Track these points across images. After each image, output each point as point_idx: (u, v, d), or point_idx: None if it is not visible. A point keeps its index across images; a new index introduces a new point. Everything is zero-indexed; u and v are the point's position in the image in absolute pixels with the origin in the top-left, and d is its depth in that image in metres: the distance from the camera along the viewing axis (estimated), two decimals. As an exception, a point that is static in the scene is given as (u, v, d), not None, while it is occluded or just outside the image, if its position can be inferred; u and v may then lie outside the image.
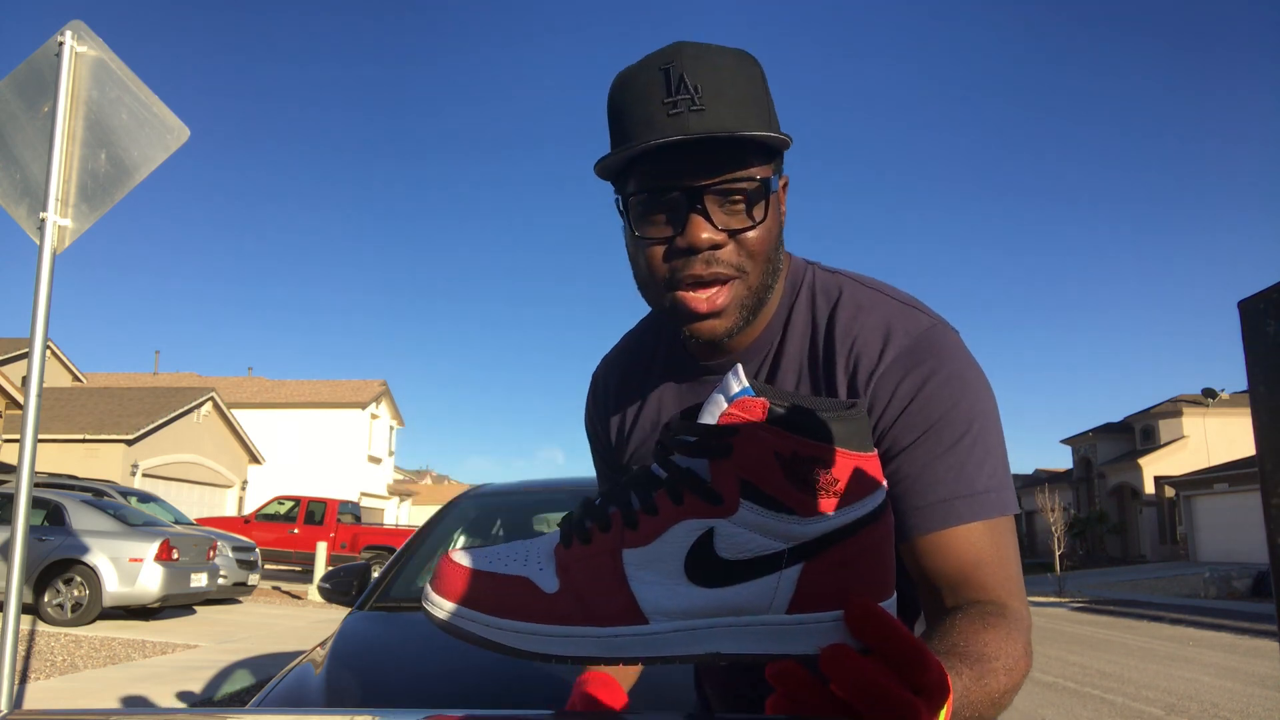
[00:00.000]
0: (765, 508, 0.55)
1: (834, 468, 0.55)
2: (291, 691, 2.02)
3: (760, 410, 0.55)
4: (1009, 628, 0.77)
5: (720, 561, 0.55)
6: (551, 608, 0.56)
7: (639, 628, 0.56)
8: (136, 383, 32.89)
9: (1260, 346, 0.46)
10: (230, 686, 6.65)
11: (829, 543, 0.55)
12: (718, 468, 0.55)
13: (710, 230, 0.83)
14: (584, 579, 0.57)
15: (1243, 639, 12.25)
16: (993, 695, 0.70)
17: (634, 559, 0.56)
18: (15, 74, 3.15)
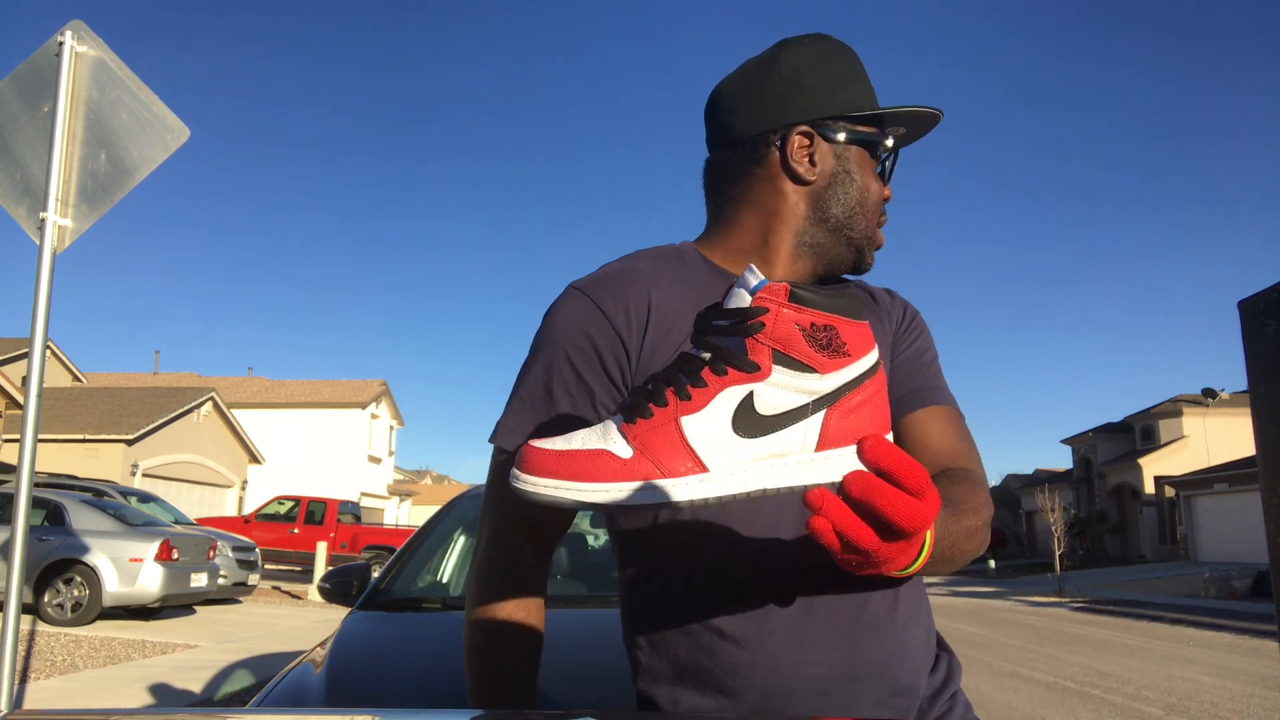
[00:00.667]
0: (792, 369, 0.69)
1: (841, 333, 0.69)
2: (291, 691, 2.02)
3: (783, 293, 0.69)
4: (973, 482, 0.97)
5: (760, 417, 0.70)
6: (630, 469, 0.69)
7: (703, 475, 0.70)
8: (136, 383, 32.88)
9: (1260, 346, 0.46)
10: (230, 686, 6.65)
11: (841, 394, 0.70)
12: (753, 342, 0.70)
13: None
14: (653, 443, 0.70)
15: (1243, 639, 12.25)
16: (967, 528, 0.88)
17: (691, 423, 0.70)
18: (15, 74, 3.15)
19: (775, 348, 0.69)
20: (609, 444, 0.70)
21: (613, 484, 0.69)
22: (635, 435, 0.71)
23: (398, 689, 1.95)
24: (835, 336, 0.69)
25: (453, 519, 3.29)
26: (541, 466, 0.70)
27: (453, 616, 2.53)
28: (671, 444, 0.70)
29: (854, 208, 1.07)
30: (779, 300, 0.69)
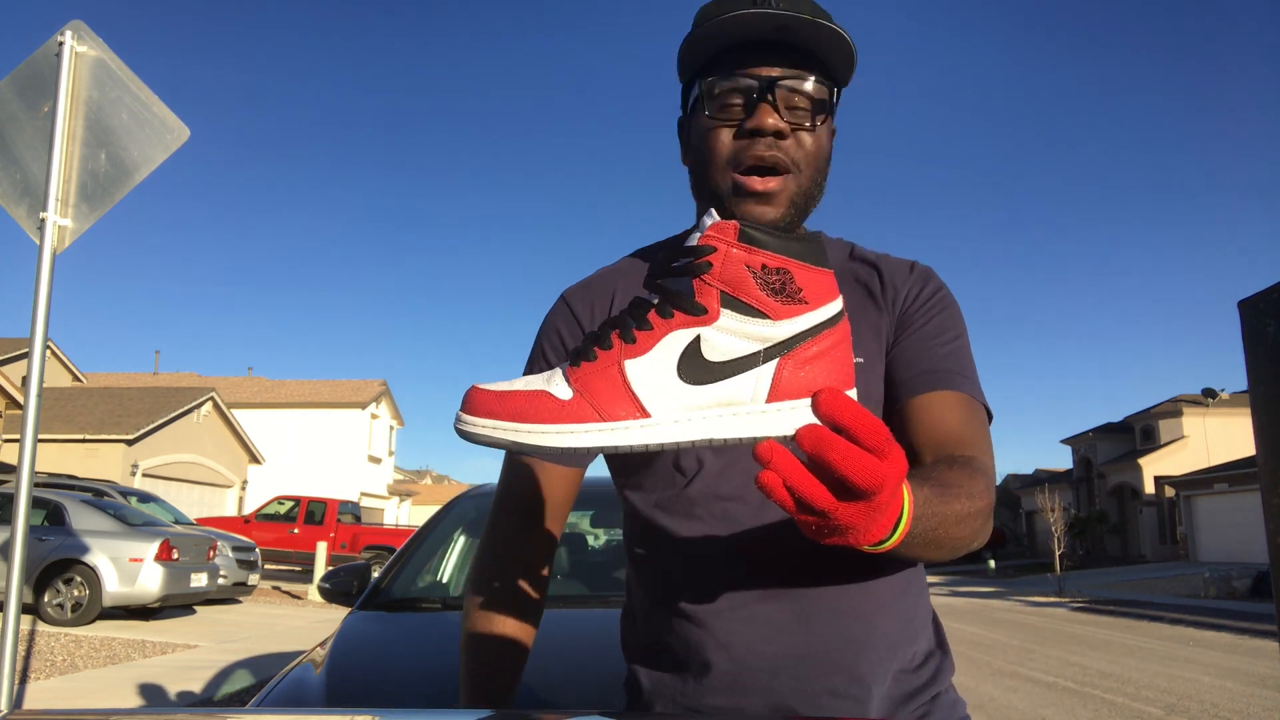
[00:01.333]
0: (742, 314, 0.65)
1: (797, 278, 0.65)
2: (291, 691, 2.02)
3: (732, 231, 0.66)
4: (973, 469, 0.89)
5: (707, 363, 0.66)
6: (568, 410, 0.66)
7: (644, 420, 0.66)
8: (136, 383, 32.87)
9: (1260, 346, 0.46)
10: (230, 686, 6.65)
11: (796, 342, 0.66)
12: (700, 283, 0.66)
13: (775, 118, 0.94)
14: (593, 386, 0.67)
15: (1243, 639, 12.25)
16: (957, 513, 0.80)
17: (634, 367, 0.67)
18: (15, 74, 3.15)
19: (724, 290, 0.65)
20: (550, 385, 0.68)
21: (549, 425, 0.66)
22: (578, 378, 0.68)
23: (398, 689, 1.95)
24: (790, 281, 0.65)
25: (453, 519, 3.29)
26: (482, 406, 0.67)
27: (453, 616, 2.53)
28: (613, 387, 0.67)
29: (701, 165, 1.00)
30: (727, 239, 0.66)
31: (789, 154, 0.95)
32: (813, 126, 0.96)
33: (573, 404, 0.66)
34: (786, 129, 0.94)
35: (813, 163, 0.97)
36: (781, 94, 0.94)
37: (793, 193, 0.97)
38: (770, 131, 0.93)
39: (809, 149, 0.96)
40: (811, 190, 0.99)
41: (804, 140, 0.96)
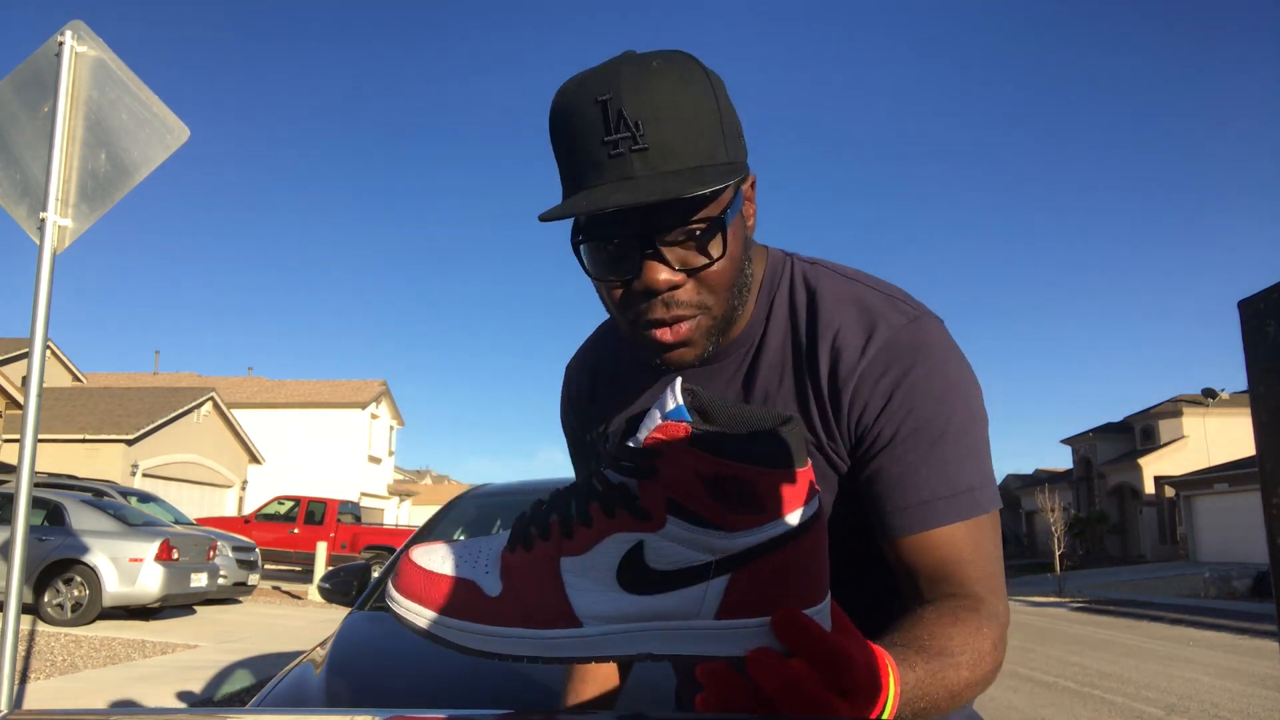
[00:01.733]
0: (691, 524, 0.58)
1: (758, 486, 0.57)
2: (291, 691, 2.02)
3: (683, 434, 0.58)
4: (979, 623, 0.78)
5: (650, 571, 0.59)
6: (495, 610, 0.61)
7: (573, 630, 0.60)
8: (136, 383, 32.88)
9: (1260, 346, 0.46)
10: (230, 686, 6.65)
11: (754, 555, 0.58)
12: (645, 486, 0.59)
13: (667, 272, 0.82)
14: (525, 584, 0.61)
15: (1243, 639, 12.25)
16: (952, 688, 0.71)
17: (570, 566, 0.60)
18: (15, 74, 3.15)
19: (671, 497, 0.58)
20: (479, 575, 0.62)
21: (473, 625, 0.60)
22: (510, 569, 0.62)
23: (398, 689, 1.95)
24: (749, 490, 0.57)
25: (453, 519, 3.29)
26: (410, 587, 0.62)
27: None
28: (543, 588, 0.60)
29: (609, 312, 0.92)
30: (677, 443, 0.58)
31: (691, 300, 0.84)
32: (711, 260, 0.83)
33: (500, 602, 0.61)
34: (680, 278, 0.83)
35: (722, 290, 0.85)
36: (665, 242, 0.82)
37: (707, 328, 0.86)
38: (663, 289, 0.82)
39: (717, 279, 0.84)
40: (731, 307, 0.88)
41: (707, 276, 0.84)
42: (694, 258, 0.83)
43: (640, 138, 0.78)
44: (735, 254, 0.86)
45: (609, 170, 0.79)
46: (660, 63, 0.81)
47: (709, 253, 0.83)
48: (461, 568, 0.63)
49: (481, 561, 0.63)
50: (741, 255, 0.88)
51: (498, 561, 0.63)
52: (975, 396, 0.90)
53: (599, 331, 1.14)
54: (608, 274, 0.85)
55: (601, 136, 0.79)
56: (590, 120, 0.79)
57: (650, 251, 0.82)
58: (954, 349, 0.91)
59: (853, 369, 0.88)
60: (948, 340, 0.91)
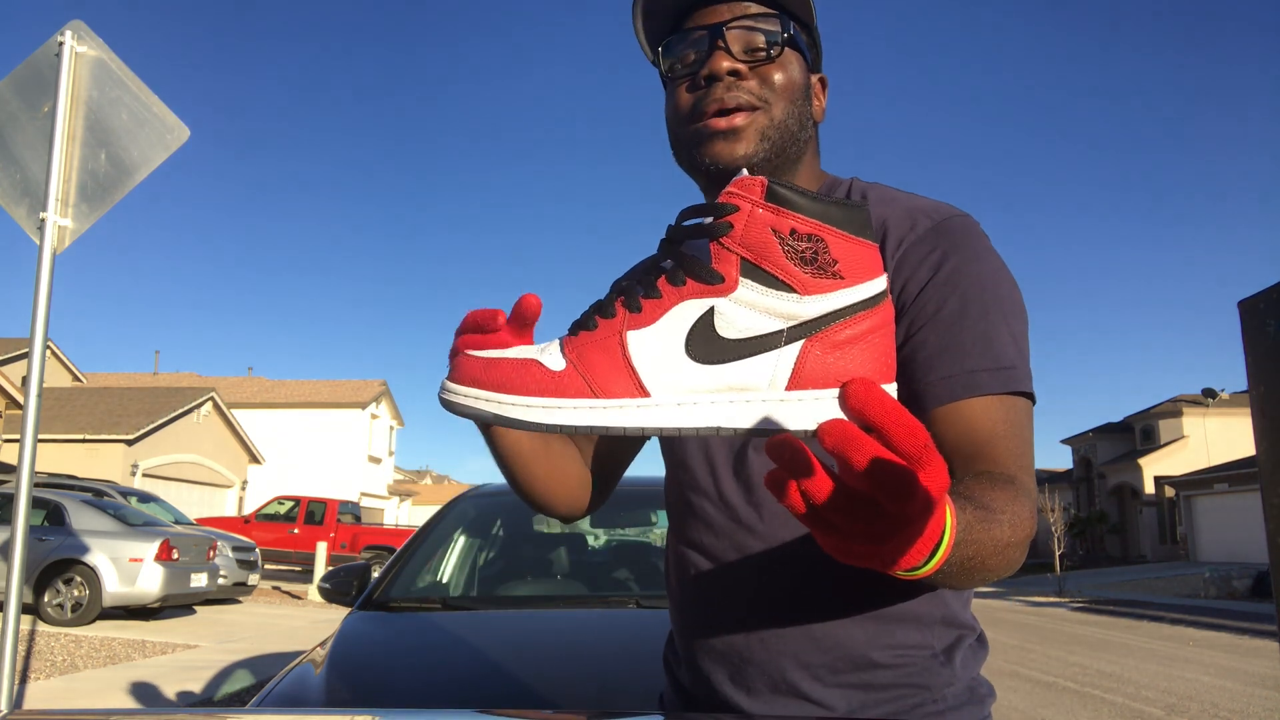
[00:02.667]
0: (764, 285, 0.57)
1: (832, 248, 0.56)
2: (291, 691, 2.02)
3: (759, 188, 0.57)
4: (1016, 492, 0.78)
5: (720, 339, 0.57)
6: (558, 383, 0.58)
7: (642, 400, 0.58)
8: (136, 383, 32.87)
9: (1260, 346, 0.46)
10: (230, 686, 6.65)
11: (827, 322, 0.56)
12: (718, 247, 0.57)
13: (730, 60, 0.91)
14: (589, 358, 0.59)
15: (1243, 639, 12.25)
16: (997, 541, 0.70)
17: (637, 339, 0.59)
18: (15, 74, 3.15)
19: (745, 256, 0.57)
20: (543, 355, 0.60)
21: (535, 399, 0.58)
22: (574, 348, 0.60)
23: (398, 689, 1.95)
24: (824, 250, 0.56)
25: (453, 519, 3.29)
26: (466, 374, 0.61)
27: (453, 616, 2.53)
28: (611, 361, 0.58)
29: (671, 131, 0.99)
30: (753, 196, 0.57)
31: (752, 92, 0.92)
32: (772, 58, 0.92)
33: (564, 376, 0.59)
34: (744, 68, 0.92)
35: (783, 96, 0.93)
36: (733, 35, 0.92)
37: (763, 126, 0.92)
38: (726, 74, 0.91)
39: (775, 82, 0.92)
40: (787, 124, 0.93)
41: (767, 75, 0.92)
42: (759, 54, 0.92)
43: None
44: (795, 77, 0.94)
45: None
46: None
47: (770, 52, 0.92)
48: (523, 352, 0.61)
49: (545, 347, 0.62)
50: (802, 87, 0.96)
51: (560, 345, 0.61)
52: (1015, 291, 0.91)
53: None
54: (681, 69, 0.95)
55: None
56: None
57: (719, 43, 0.91)
58: (996, 252, 0.93)
59: (899, 243, 0.90)
60: (988, 240, 0.94)
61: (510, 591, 3.07)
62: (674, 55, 0.96)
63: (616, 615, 2.60)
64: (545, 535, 3.55)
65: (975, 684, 0.99)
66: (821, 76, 1.01)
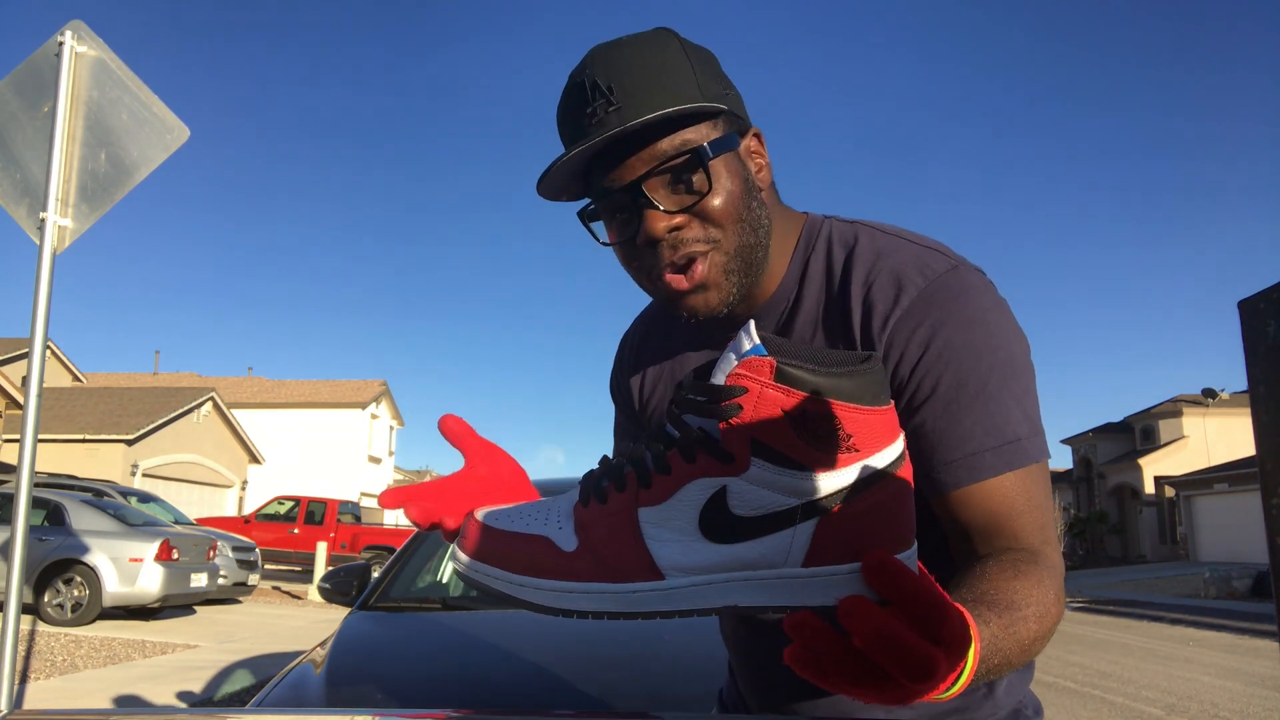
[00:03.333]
0: (777, 465, 0.56)
1: (845, 424, 0.55)
2: (291, 691, 2.02)
3: (768, 370, 0.56)
4: (1040, 575, 0.76)
5: (734, 518, 0.57)
6: (571, 565, 0.58)
7: (655, 583, 0.57)
8: (136, 383, 32.89)
9: (1260, 346, 0.46)
10: (230, 686, 6.65)
11: (843, 497, 0.56)
12: (728, 427, 0.57)
13: (664, 218, 0.84)
14: (601, 537, 0.58)
15: (1243, 639, 12.25)
16: (1023, 642, 0.69)
17: (649, 517, 0.58)
18: (15, 74, 3.15)
19: (756, 436, 0.56)
20: (553, 531, 0.60)
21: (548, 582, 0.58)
22: (585, 525, 0.59)
23: (398, 689, 1.95)
24: (838, 428, 0.55)
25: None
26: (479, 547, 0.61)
27: (453, 616, 2.53)
28: (622, 541, 0.58)
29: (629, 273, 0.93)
30: (761, 379, 0.56)
31: (697, 236, 0.85)
32: (702, 194, 0.84)
33: (575, 557, 0.58)
34: (680, 219, 0.84)
35: (730, 220, 0.86)
36: (657, 186, 0.84)
37: (723, 264, 0.86)
38: (663, 235, 0.84)
39: (715, 213, 0.85)
40: (745, 243, 0.87)
41: (706, 210, 0.85)
42: (686, 197, 0.85)
43: (614, 99, 0.82)
44: (733, 190, 0.86)
45: (591, 133, 0.83)
46: (631, 36, 0.87)
47: (697, 188, 0.85)
48: (533, 525, 0.61)
49: (554, 518, 0.61)
50: (743, 194, 0.87)
51: (571, 517, 0.61)
52: (1018, 343, 0.86)
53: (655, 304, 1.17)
54: (616, 235, 0.89)
55: (583, 110, 0.84)
56: (574, 101, 0.86)
57: (642, 200, 0.84)
58: (996, 299, 0.87)
59: (885, 320, 0.85)
60: (989, 290, 0.87)
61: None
62: (601, 219, 0.90)
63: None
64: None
65: (1021, 706, 0.98)
66: (754, 132, 0.91)
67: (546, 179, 0.85)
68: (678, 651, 2.22)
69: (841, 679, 0.49)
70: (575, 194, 0.91)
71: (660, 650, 2.24)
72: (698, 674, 1.85)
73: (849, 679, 0.49)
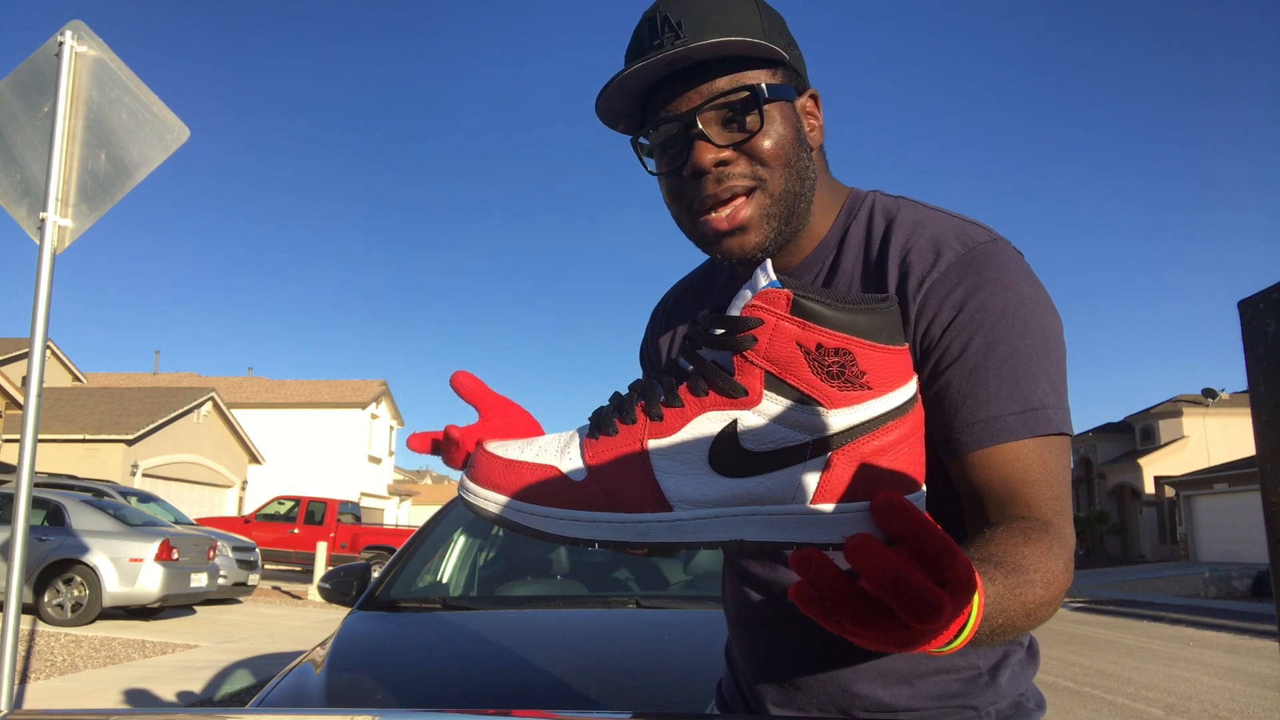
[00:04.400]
0: (789, 399, 0.55)
1: (860, 360, 0.55)
2: (291, 691, 2.02)
3: (784, 301, 0.55)
4: (1050, 543, 0.75)
5: (744, 452, 0.56)
6: (579, 495, 0.58)
7: (663, 515, 0.57)
8: (136, 383, 32.87)
9: (1260, 346, 0.46)
10: (230, 686, 6.65)
11: (854, 435, 0.55)
12: (741, 360, 0.56)
13: (712, 150, 0.86)
14: (610, 469, 0.58)
15: (1243, 639, 12.25)
16: (1028, 605, 0.69)
17: (659, 449, 0.57)
18: (15, 74, 3.15)
19: (769, 370, 0.55)
20: (563, 460, 0.59)
21: (556, 510, 0.58)
22: (595, 454, 0.59)
23: (398, 689, 1.95)
24: (851, 363, 0.54)
25: (452, 519, 3.29)
26: (486, 476, 0.60)
27: (453, 616, 2.53)
28: (632, 471, 0.57)
29: (675, 220, 0.95)
30: (778, 311, 0.55)
31: (744, 173, 0.86)
32: (752, 133, 0.86)
33: (584, 487, 0.58)
34: (729, 154, 0.86)
35: (778, 163, 0.87)
36: (711, 120, 0.86)
37: (765, 206, 0.87)
38: (710, 167, 0.86)
39: (764, 152, 0.86)
40: (789, 189, 0.88)
41: (755, 149, 0.86)
42: (737, 134, 0.87)
43: (681, 32, 0.85)
44: (784, 135, 0.88)
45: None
46: None
47: (749, 127, 0.86)
48: (542, 455, 0.60)
49: (563, 449, 0.60)
50: (793, 141, 0.89)
51: (580, 447, 0.60)
52: (1053, 322, 0.87)
53: (700, 267, 1.18)
54: (664, 166, 0.90)
55: (652, 42, 0.87)
56: (644, 33, 0.88)
57: (694, 132, 0.86)
58: (1033, 276, 0.88)
59: (921, 281, 0.86)
60: (1027, 267, 0.88)
61: (510, 591, 3.08)
62: (650, 149, 0.91)
63: (616, 615, 2.60)
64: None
65: (1023, 699, 0.98)
66: (811, 93, 0.94)
67: (605, 96, 0.88)
68: (678, 651, 2.22)
69: (845, 618, 0.49)
70: (631, 124, 0.93)
71: (660, 650, 2.24)
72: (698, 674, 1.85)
73: (853, 618, 0.48)
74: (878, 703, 0.93)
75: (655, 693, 1.91)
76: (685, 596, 2.90)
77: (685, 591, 3.01)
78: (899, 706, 0.93)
